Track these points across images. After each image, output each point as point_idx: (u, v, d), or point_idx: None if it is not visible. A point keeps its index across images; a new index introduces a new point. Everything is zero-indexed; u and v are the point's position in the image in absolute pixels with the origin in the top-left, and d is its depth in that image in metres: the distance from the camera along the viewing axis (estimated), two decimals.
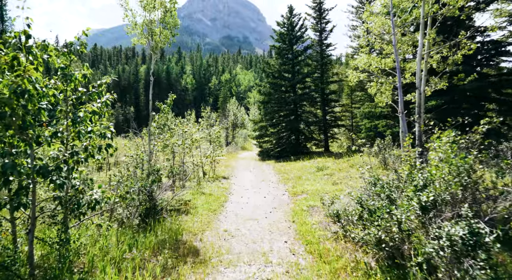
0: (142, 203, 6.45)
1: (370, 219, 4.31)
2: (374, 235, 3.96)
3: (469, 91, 15.20)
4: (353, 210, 4.87)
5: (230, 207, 9.15)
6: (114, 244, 5.17)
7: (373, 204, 4.38)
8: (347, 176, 13.69)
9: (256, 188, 12.57)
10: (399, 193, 5.12)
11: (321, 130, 26.35)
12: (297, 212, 8.08)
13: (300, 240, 6.02)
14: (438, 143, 4.46)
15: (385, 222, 3.90)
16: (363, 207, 4.50)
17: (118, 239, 5.39)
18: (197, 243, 5.99)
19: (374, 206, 4.31)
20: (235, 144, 37.18)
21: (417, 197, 4.04)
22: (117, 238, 5.45)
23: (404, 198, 4.65)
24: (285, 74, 26.25)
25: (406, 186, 4.97)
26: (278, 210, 8.79)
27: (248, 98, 72.03)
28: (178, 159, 13.85)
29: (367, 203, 4.46)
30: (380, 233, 3.90)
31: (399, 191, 5.21)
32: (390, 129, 16.76)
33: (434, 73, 9.17)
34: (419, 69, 6.40)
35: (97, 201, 4.21)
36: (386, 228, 3.88)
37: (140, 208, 6.20)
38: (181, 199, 8.07)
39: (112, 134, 4.85)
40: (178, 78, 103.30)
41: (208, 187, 12.50)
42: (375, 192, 4.97)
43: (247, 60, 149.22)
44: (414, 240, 3.91)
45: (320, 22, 26.26)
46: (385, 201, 4.53)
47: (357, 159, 16.65)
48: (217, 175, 15.81)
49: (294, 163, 19.72)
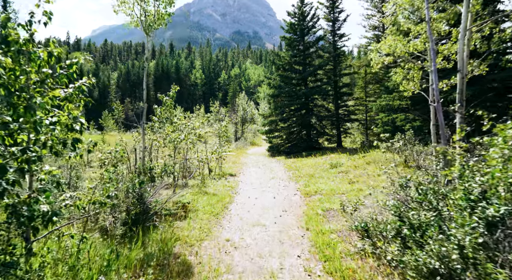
0: (130, 208, 5.49)
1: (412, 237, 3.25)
2: (424, 264, 2.89)
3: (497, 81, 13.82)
4: (387, 224, 3.79)
5: (235, 210, 8.14)
6: (89, 260, 4.22)
7: (417, 217, 3.31)
8: (364, 173, 12.55)
9: (265, 186, 11.55)
10: (441, 200, 4.04)
11: (333, 124, 25.10)
12: (311, 217, 7.02)
13: (317, 255, 4.97)
14: (504, 134, 3.34)
15: (439, 245, 2.83)
16: (403, 220, 3.43)
17: (95, 254, 4.44)
18: (192, 257, 4.99)
19: (418, 221, 3.24)
20: (244, 140, 36.21)
21: (480, 210, 2.95)
22: (96, 252, 4.50)
23: (452, 207, 3.56)
24: (296, 66, 25.04)
25: (451, 191, 3.87)
26: (289, 213, 7.75)
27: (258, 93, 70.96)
28: (182, 155, 12.92)
29: (407, 215, 3.39)
30: (434, 261, 2.83)
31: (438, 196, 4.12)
32: (409, 123, 15.47)
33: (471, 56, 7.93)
34: (462, 47, 5.27)
35: (54, 213, 3.23)
36: (441, 254, 2.82)
37: (122, 215, 5.24)
38: (179, 201, 7.11)
39: (83, 126, 3.89)
40: (187, 73, 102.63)
41: (213, 185, 11.53)
42: (414, 200, 3.88)
43: (257, 55, 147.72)
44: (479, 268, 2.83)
45: (333, 11, 24.89)
46: (431, 213, 3.45)
47: (373, 155, 15.47)
48: (224, 172, 14.84)
49: (305, 160, 18.61)
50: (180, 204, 7.14)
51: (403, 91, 8.29)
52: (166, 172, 6.29)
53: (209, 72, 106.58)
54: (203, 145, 16.34)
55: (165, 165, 6.44)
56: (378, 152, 16.26)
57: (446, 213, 3.53)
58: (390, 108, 17.48)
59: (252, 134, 40.78)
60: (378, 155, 15.25)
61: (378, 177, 11.41)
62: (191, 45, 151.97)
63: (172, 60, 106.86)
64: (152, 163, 6.67)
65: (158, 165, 7.12)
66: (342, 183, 11.34)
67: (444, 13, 6.74)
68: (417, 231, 3.21)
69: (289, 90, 24.13)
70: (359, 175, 12.38)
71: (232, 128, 39.13)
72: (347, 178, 12.17)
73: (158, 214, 6.26)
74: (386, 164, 12.54)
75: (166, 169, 6.33)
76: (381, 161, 13.42)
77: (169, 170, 6.28)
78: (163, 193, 8.96)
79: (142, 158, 7.37)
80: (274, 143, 24.63)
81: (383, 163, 13.19)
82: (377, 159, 14.10)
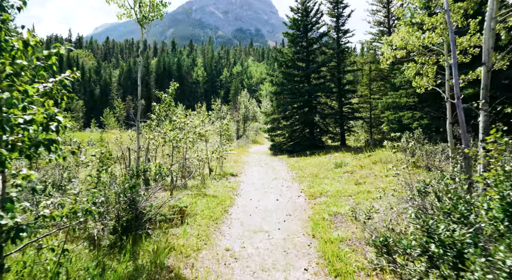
0: (121, 214, 5.01)
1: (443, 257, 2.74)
2: None
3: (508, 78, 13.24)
4: (411, 240, 3.27)
5: (236, 214, 7.65)
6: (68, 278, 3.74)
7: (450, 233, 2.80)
8: (371, 174, 12.03)
9: (267, 187, 11.06)
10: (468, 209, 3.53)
11: (337, 123, 24.56)
12: (318, 222, 6.52)
13: (326, 268, 4.48)
14: None
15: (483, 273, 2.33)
16: (431, 236, 2.93)
17: (79, 267, 3.97)
18: (187, 271, 4.49)
19: (451, 238, 2.74)
20: (246, 138, 35.73)
21: None
22: (80, 265, 4.03)
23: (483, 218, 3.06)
24: (299, 63, 24.47)
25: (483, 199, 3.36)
26: (293, 217, 7.25)
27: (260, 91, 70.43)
28: (181, 155, 12.46)
29: (437, 230, 2.88)
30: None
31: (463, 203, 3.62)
32: (417, 121, 14.91)
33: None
34: (488, 38, 4.73)
35: (20, 229, 2.75)
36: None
37: (111, 223, 4.75)
38: (176, 205, 6.62)
39: (60, 126, 3.40)
40: (189, 70, 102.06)
41: (213, 186, 11.06)
42: (440, 209, 3.37)
43: (259, 53, 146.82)
44: None
45: (337, 6, 24.28)
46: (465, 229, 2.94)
47: (379, 155, 14.93)
48: (225, 172, 14.36)
49: (309, 159, 18.10)
50: (177, 208, 6.65)
51: (416, 87, 7.74)
52: (160, 174, 5.78)
53: (211, 69, 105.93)
54: (204, 144, 15.85)
55: (160, 167, 5.94)
56: (384, 151, 15.72)
57: (486, 229, 3.02)
58: (396, 106, 16.92)
59: (254, 132, 40.34)
60: (384, 154, 14.71)
61: (386, 178, 10.90)
62: (193, 43, 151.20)
63: (173, 57, 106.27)
64: (148, 164, 6.17)
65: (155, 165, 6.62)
66: (348, 184, 10.84)
67: (463, 2, 6.18)
68: (449, 250, 2.72)
69: (292, 87, 23.59)
70: (365, 176, 11.86)
71: (234, 126, 38.66)
72: (353, 178, 11.66)
73: (153, 220, 5.77)
74: (395, 164, 12.02)
75: (161, 171, 5.83)
76: (388, 160, 12.90)
77: (164, 172, 5.78)
78: (159, 196, 8.49)
79: (136, 158, 6.89)
80: (276, 142, 24.12)
81: (390, 162, 12.66)
82: (383, 158, 13.58)
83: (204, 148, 15.02)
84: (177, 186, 10.57)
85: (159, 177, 5.66)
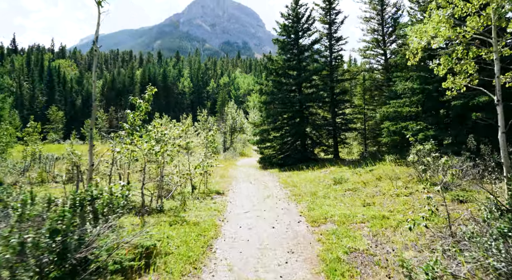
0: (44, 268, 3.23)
1: None
2: None
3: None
4: None
5: (221, 251, 5.86)
6: None
7: None
8: (378, 192, 10.46)
9: (259, 210, 9.33)
10: None
11: (330, 134, 23.15)
12: (333, 267, 4.80)
13: None
14: None
15: None
16: None
17: None
18: None
19: None
20: (233, 150, 34.03)
21: None
22: None
23: None
24: (290, 71, 23.13)
25: None
26: (298, 256, 5.52)
27: (248, 102, 69.08)
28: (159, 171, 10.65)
29: None
30: None
31: None
32: (422, 132, 13.52)
33: None
34: None
35: None
36: None
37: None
38: (140, 244, 4.82)
39: None
40: (175, 81, 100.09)
41: (195, 209, 9.27)
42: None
43: (246, 64, 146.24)
44: None
45: (330, 13, 23.17)
46: None
47: (382, 169, 13.42)
48: (210, 189, 12.57)
49: (302, 173, 16.47)
50: (142, 247, 4.86)
51: (447, 89, 6.26)
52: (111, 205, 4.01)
53: (198, 80, 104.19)
54: (187, 158, 14.06)
55: (111, 195, 4.16)
56: (385, 165, 14.26)
57: None
58: (397, 116, 15.55)
59: (242, 144, 38.78)
60: (386, 168, 13.22)
61: (398, 198, 9.32)
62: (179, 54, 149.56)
63: (159, 68, 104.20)
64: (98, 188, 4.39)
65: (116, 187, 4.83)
66: (355, 205, 9.22)
67: None
68: None
69: (283, 96, 22.16)
70: (372, 195, 10.29)
71: (221, 138, 36.95)
72: (358, 198, 10.07)
73: (102, 271, 3.98)
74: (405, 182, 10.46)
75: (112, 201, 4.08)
76: (394, 176, 11.35)
77: (117, 203, 4.02)
78: (126, 224, 6.65)
79: (88, 179, 5.14)
80: (266, 154, 22.49)
81: (398, 178, 11.12)
82: (388, 173, 12.02)
83: (187, 162, 13.23)
84: (152, 210, 8.74)
85: (109, 210, 3.90)
